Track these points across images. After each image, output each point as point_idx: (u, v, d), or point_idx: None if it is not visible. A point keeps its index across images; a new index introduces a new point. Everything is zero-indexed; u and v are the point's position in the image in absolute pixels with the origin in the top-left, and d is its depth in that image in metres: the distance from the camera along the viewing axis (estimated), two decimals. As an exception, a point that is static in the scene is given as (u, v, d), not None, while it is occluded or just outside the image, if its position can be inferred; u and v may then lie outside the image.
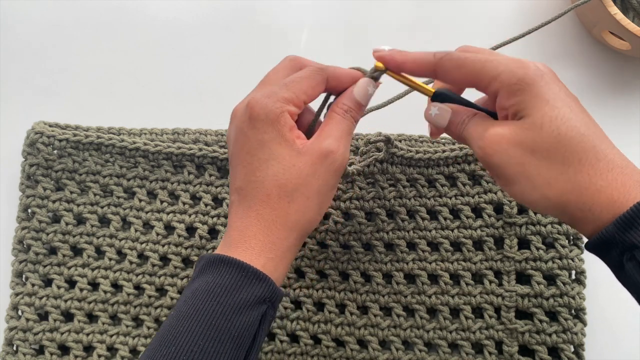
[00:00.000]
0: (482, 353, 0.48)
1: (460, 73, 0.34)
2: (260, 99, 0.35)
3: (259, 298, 0.33)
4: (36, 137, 0.49)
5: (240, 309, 0.33)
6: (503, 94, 0.33)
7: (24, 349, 0.48)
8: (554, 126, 0.31)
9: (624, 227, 0.30)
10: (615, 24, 0.50)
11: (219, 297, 0.33)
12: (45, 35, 0.58)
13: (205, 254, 0.36)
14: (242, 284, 0.33)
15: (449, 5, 0.58)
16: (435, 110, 0.38)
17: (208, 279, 0.34)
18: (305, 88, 0.36)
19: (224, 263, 0.34)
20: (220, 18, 0.58)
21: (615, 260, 0.31)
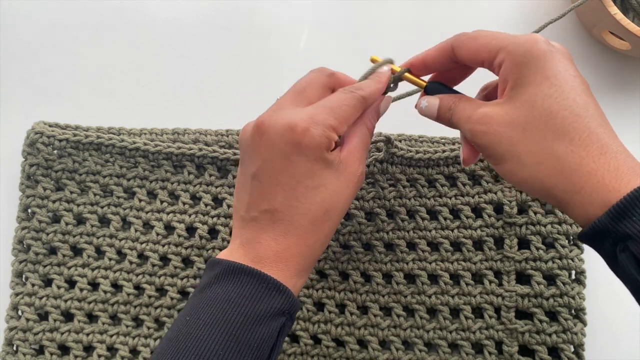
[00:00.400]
0: (482, 353, 0.48)
1: (475, 44, 0.34)
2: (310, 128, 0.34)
3: (279, 310, 0.33)
4: (36, 137, 0.49)
5: (261, 320, 0.33)
6: (507, 64, 0.33)
7: (24, 349, 0.48)
8: (546, 104, 0.31)
9: (617, 217, 0.29)
10: (615, 24, 0.50)
11: (240, 307, 0.32)
12: (45, 35, 0.58)
13: (219, 259, 0.35)
14: (263, 295, 0.33)
15: (449, 5, 0.59)
16: (424, 102, 0.38)
17: (228, 288, 0.33)
18: (349, 117, 0.36)
19: (245, 273, 0.34)
20: (220, 18, 0.58)
21: (608, 250, 0.31)
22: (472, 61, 0.36)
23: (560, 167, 0.31)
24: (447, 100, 0.37)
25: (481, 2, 0.58)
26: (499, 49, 0.33)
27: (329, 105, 0.35)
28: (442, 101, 0.37)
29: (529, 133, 0.32)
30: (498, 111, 0.33)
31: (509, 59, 0.33)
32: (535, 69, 0.32)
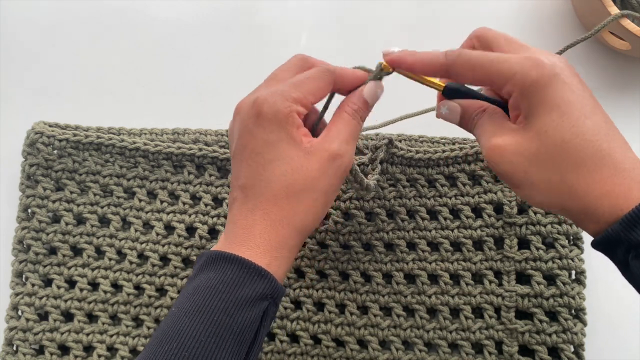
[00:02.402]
0: (482, 353, 0.48)
1: (474, 75, 0.34)
2: (268, 97, 0.35)
3: (261, 294, 0.33)
4: (36, 137, 0.49)
5: (242, 305, 0.33)
6: (516, 95, 0.33)
7: (24, 349, 0.48)
8: (558, 133, 0.32)
9: (629, 226, 0.30)
10: (615, 24, 0.50)
11: (221, 293, 0.33)
12: (45, 35, 0.58)
13: (205, 251, 0.36)
14: (244, 280, 0.33)
15: (449, 5, 0.58)
16: (445, 109, 0.38)
17: (210, 275, 0.34)
18: (314, 89, 0.36)
19: (226, 259, 0.34)
20: (220, 18, 0.58)
21: (620, 258, 0.32)
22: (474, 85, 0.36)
23: (574, 193, 0.32)
24: (469, 113, 0.37)
25: (481, 2, 0.58)
26: (503, 81, 0.33)
27: (293, 80, 0.36)
28: (464, 111, 0.37)
29: (542, 164, 0.32)
30: (511, 143, 0.33)
31: (517, 91, 0.33)
32: (544, 100, 0.32)
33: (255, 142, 0.35)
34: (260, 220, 0.35)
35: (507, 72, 0.33)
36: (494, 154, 0.34)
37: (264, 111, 0.35)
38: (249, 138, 0.35)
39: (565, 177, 0.32)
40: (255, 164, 0.35)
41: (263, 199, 0.35)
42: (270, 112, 0.34)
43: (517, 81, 0.32)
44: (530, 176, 0.33)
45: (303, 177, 0.35)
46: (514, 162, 0.33)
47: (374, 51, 0.47)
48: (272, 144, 0.35)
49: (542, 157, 0.32)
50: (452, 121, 0.38)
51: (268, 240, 0.35)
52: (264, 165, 0.35)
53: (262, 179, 0.35)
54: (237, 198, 0.36)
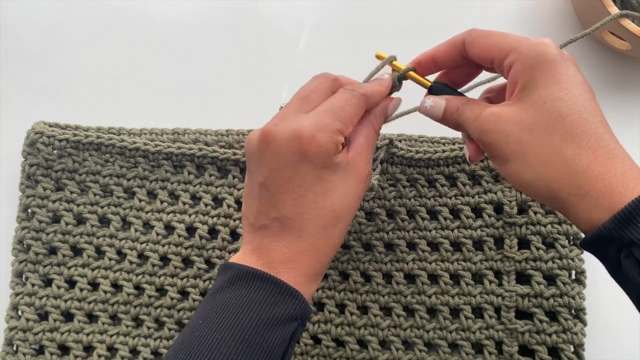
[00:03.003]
0: (482, 353, 0.48)
1: (487, 42, 0.34)
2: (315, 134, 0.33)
3: (292, 315, 0.33)
4: (36, 137, 0.49)
5: (273, 325, 0.33)
6: (518, 66, 0.33)
7: (24, 349, 0.48)
8: (556, 106, 0.31)
9: (622, 224, 0.29)
10: (615, 24, 0.50)
11: (253, 311, 0.32)
12: (45, 35, 0.58)
13: (233, 263, 0.35)
14: (275, 300, 0.33)
15: (449, 5, 0.59)
16: (429, 101, 0.38)
17: (241, 292, 0.33)
18: (353, 117, 0.36)
19: (259, 278, 0.34)
20: (220, 18, 0.58)
21: (611, 257, 0.31)
22: (482, 59, 0.35)
23: (568, 169, 0.31)
24: (454, 102, 0.37)
25: (481, 2, 0.58)
26: (510, 49, 0.33)
27: (331, 108, 0.35)
28: (449, 102, 0.37)
29: (537, 133, 0.32)
30: (507, 111, 0.33)
31: (520, 60, 0.33)
32: (546, 72, 0.32)
33: (302, 177, 0.34)
34: (306, 251, 0.35)
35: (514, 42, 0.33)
36: (488, 121, 0.33)
37: (312, 150, 0.34)
38: (295, 173, 0.34)
39: (563, 149, 0.31)
40: (303, 199, 0.34)
41: (312, 232, 0.35)
42: (320, 152, 0.34)
43: (522, 51, 0.33)
44: (524, 146, 0.32)
45: (347, 202, 0.36)
46: (509, 130, 0.32)
47: (374, 51, 0.47)
48: (322, 178, 0.35)
49: (540, 126, 0.32)
50: (434, 116, 0.38)
51: (314, 268, 0.35)
52: (313, 199, 0.35)
53: (312, 212, 0.35)
54: (270, 227, 0.35)
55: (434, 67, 0.39)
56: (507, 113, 0.33)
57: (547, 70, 0.32)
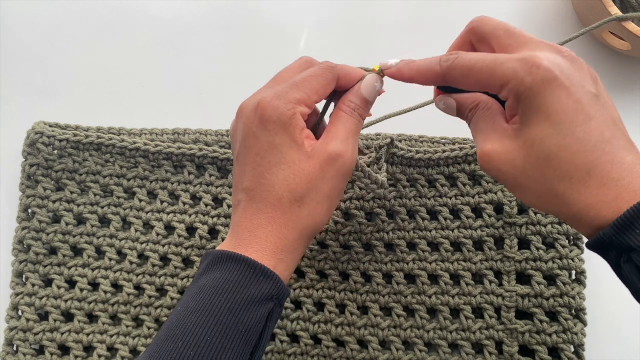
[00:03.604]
0: (482, 353, 0.48)
1: (469, 81, 0.34)
2: (271, 100, 0.35)
3: (267, 295, 0.33)
4: (36, 137, 0.49)
5: (248, 305, 0.33)
6: (510, 101, 0.33)
7: (24, 349, 0.48)
8: (545, 146, 0.31)
9: (620, 230, 0.30)
10: (615, 24, 0.50)
11: (227, 292, 0.33)
12: (45, 35, 0.58)
13: (211, 250, 0.36)
14: (250, 280, 0.33)
15: (449, 5, 0.59)
16: (441, 104, 0.39)
17: (216, 275, 0.34)
18: (317, 87, 0.36)
19: (232, 259, 0.34)
20: (220, 18, 0.58)
21: (613, 261, 0.32)
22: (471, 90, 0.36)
23: (563, 202, 0.32)
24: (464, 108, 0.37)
25: (481, 2, 0.58)
26: (498, 86, 0.33)
27: (294, 80, 0.36)
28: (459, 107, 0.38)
29: (529, 173, 0.32)
30: (500, 151, 0.33)
31: (511, 98, 0.32)
32: (537, 108, 0.32)
33: (259, 145, 0.35)
34: (265, 223, 0.35)
35: (502, 79, 0.32)
36: (484, 161, 0.34)
37: (267, 114, 0.34)
38: (253, 141, 0.35)
39: (553, 187, 0.32)
40: (260, 168, 0.35)
41: (267, 203, 0.35)
42: (274, 115, 0.34)
43: (512, 87, 0.32)
44: (520, 183, 0.33)
45: (305, 181, 0.35)
46: (503, 171, 0.33)
47: (374, 51, 0.47)
48: (275, 147, 0.35)
49: (530, 168, 0.32)
50: (450, 114, 0.39)
51: (273, 243, 0.35)
52: (268, 169, 0.35)
53: (267, 182, 0.35)
54: (242, 200, 0.36)
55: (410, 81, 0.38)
56: (500, 153, 0.33)
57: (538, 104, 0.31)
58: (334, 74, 0.37)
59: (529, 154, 0.32)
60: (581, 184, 0.31)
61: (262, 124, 0.35)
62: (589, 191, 0.31)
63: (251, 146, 0.35)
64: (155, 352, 0.32)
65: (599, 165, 0.31)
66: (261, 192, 0.35)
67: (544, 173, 0.32)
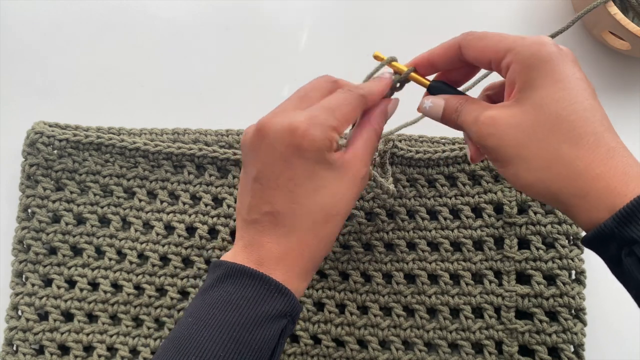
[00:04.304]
0: (482, 353, 0.48)
1: (482, 44, 0.34)
2: (309, 128, 0.33)
3: (281, 312, 0.33)
4: (36, 137, 0.49)
5: (262, 322, 0.32)
6: (515, 66, 0.32)
7: (24, 349, 0.48)
8: (555, 107, 0.31)
9: (623, 222, 0.29)
10: (615, 24, 0.50)
11: (241, 308, 0.32)
12: (45, 35, 0.58)
13: (222, 262, 0.35)
14: (264, 297, 0.33)
15: (449, 5, 0.59)
16: (428, 102, 0.38)
17: (229, 289, 0.33)
18: (349, 115, 0.36)
19: (247, 275, 0.34)
20: (220, 18, 0.58)
21: (612, 254, 0.31)
22: (479, 61, 0.35)
23: (567, 170, 0.31)
24: (453, 102, 0.37)
25: (481, 2, 0.58)
26: (507, 50, 0.33)
27: (328, 105, 0.35)
28: (447, 102, 0.37)
29: (537, 136, 0.32)
30: (505, 113, 0.33)
31: (517, 61, 0.32)
32: (544, 72, 0.32)
33: (293, 172, 0.34)
34: (295, 247, 0.35)
35: (511, 43, 0.33)
36: (486, 126, 0.33)
37: (304, 143, 0.33)
38: (286, 167, 0.34)
39: (562, 151, 0.31)
40: (293, 194, 0.34)
41: (301, 227, 0.35)
42: (313, 146, 0.33)
43: (519, 51, 0.32)
44: (524, 150, 0.32)
45: (340, 201, 0.35)
46: (508, 134, 0.32)
47: (374, 51, 0.46)
48: (313, 174, 0.34)
49: (539, 129, 0.31)
50: (434, 115, 0.38)
51: (302, 266, 0.35)
52: (304, 195, 0.34)
53: (302, 208, 0.34)
54: (262, 221, 0.35)
55: (430, 69, 0.39)
56: (505, 116, 0.33)
57: (545, 70, 0.32)
58: (364, 102, 0.37)
59: (539, 115, 0.31)
60: (590, 151, 0.31)
61: (298, 152, 0.34)
62: (599, 161, 0.30)
63: (282, 172, 0.34)
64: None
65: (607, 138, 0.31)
66: (294, 216, 0.34)
67: (552, 136, 0.31)
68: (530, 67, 0.32)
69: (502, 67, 0.34)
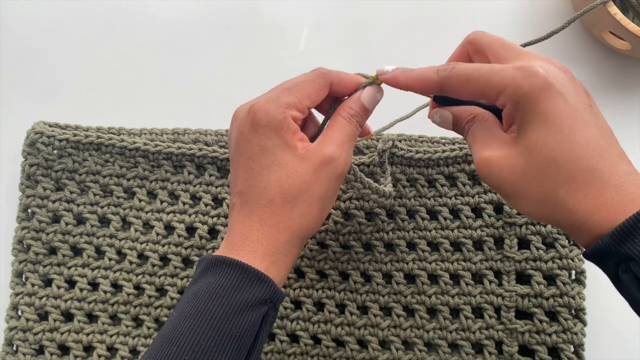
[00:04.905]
0: (482, 353, 0.48)
1: (467, 90, 0.34)
2: (263, 104, 0.35)
3: (260, 299, 0.34)
4: (36, 137, 0.49)
5: (242, 309, 0.33)
6: (509, 107, 0.33)
7: (24, 349, 0.48)
8: (545, 151, 0.31)
9: (619, 239, 0.30)
10: (615, 24, 0.50)
11: (221, 297, 0.33)
12: (45, 35, 0.58)
13: (206, 255, 0.36)
14: (243, 285, 0.33)
15: (448, 5, 0.58)
16: (437, 117, 0.39)
17: (210, 279, 0.34)
18: (308, 92, 0.36)
19: (225, 264, 0.34)
20: (220, 18, 0.58)
21: (611, 270, 0.32)
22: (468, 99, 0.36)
23: (563, 208, 0.32)
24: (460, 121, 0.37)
25: (481, 2, 0.58)
26: (496, 94, 0.33)
27: (287, 85, 0.36)
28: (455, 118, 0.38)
29: (529, 179, 0.32)
30: (500, 156, 0.33)
31: (510, 104, 0.32)
32: (535, 113, 0.31)
33: (251, 148, 0.35)
34: (256, 225, 0.35)
35: (499, 86, 0.32)
36: (483, 167, 0.34)
37: (258, 118, 0.35)
38: (245, 144, 0.36)
39: (553, 193, 0.32)
40: (251, 170, 0.36)
41: (259, 205, 0.35)
42: (265, 119, 0.35)
43: (510, 94, 0.32)
44: (519, 189, 0.33)
45: (297, 182, 0.35)
46: (503, 177, 0.33)
47: (374, 51, 0.47)
48: (267, 149, 0.35)
49: (531, 173, 0.32)
50: (445, 127, 0.39)
51: (265, 245, 0.35)
52: (259, 171, 0.35)
53: (258, 184, 0.35)
54: (235, 204, 0.37)
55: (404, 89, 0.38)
56: (500, 159, 0.33)
57: (537, 109, 0.31)
58: (326, 80, 0.37)
59: (529, 159, 0.32)
60: (581, 189, 0.31)
61: (253, 128, 0.35)
62: (591, 196, 0.31)
63: (243, 150, 0.36)
64: (150, 357, 0.32)
65: (599, 171, 0.31)
66: (253, 194, 0.35)
67: (544, 178, 0.32)
68: (522, 108, 0.32)
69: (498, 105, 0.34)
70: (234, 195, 0.37)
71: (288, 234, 0.36)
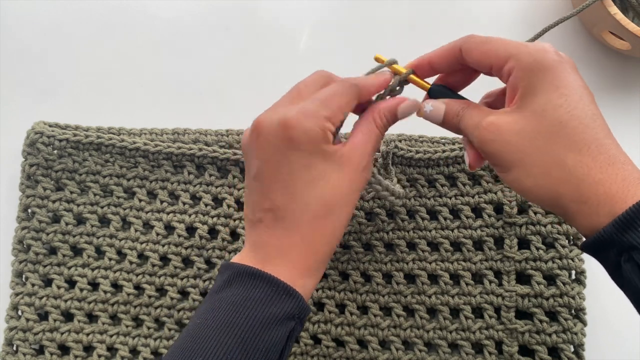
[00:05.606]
0: (482, 353, 0.48)
1: (484, 48, 0.34)
2: (300, 120, 0.33)
3: (289, 314, 0.33)
4: (36, 137, 0.49)
5: (270, 324, 0.32)
6: (517, 72, 0.33)
7: (24, 349, 0.48)
8: (557, 114, 0.31)
9: (622, 228, 0.29)
10: (615, 24, 0.50)
11: (249, 310, 0.32)
12: (45, 35, 0.58)
13: (231, 263, 0.35)
14: (272, 299, 0.33)
15: (449, 5, 0.59)
16: (429, 106, 0.38)
17: (238, 291, 0.33)
18: (342, 105, 0.35)
19: (256, 277, 0.33)
20: (220, 18, 0.58)
21: (612, 260, 0.31)
22: (480, 65, 0.35)
23: (568, 176, 0.31)
24: (454, 106, 0.37)
25: (481, 2, 0.58)
26: (509, 56, 0.33)
27: (319, 97, 0.35)
28: (449, 106, 0.37)
29: (538, 142, 0.32)
30: (507, 119, 0.33)
31: (519, 67, 0.32)
32: (546, 79, 0.32)
33: (290, 165, 0.34)
34: (298, 242, 0.34)
35: (513, 49, 0.33)
36: (488, 131, 0.33)
37: (297, 135, 0.33)
38: (283, 161, 0.34)
39: (564, 157, 0.31)
40: (292, 187, 0.34)
41: (302, 222, 0.34)
42: (305, 137, 0.33)
43: (521, 57, 0.32)
44: (525, 156, 0.32)
45: (339, 193, 0.35)
46: (510, 141, 0.32)
47: (374, 51, 0.46)
48: (310, 166, 0.34)
49: (541, 136, 0.32)
50: (435, 120, 0.38)
51: (305, 261, 0.34)
52: (302, 188, 0.34)
53: (301, 201, 0.34)
54: (264, 219, 0.35)
55: (430, 72, 0.38)
56: (507, 122, 0.33)
57: (546, 76, 0.32)
58: (357, 91, 0.36)
59: (540, 121, 0.32)
60: (591, 158, 0.31)
61: (292, 144, 0.33)
62: (599, 167, 0.31)
63: (280, 166, 0.34)
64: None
65: (608, 145, 0.31)
66: (293, 210, 0.34)
67: (553, 142, 0.31)
68: (532, 74, 0.32)
69: (504, 73, 0.34)
70: (261, 211, 0.35)
71: (330, 247, 0.36)
